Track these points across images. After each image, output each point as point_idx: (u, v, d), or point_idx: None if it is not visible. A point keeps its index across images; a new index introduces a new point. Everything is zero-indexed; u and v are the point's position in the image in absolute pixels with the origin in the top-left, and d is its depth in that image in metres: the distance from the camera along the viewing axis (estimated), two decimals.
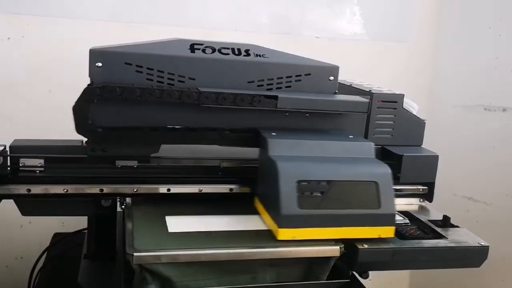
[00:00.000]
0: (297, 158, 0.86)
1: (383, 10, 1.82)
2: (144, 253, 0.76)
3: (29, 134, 0.97)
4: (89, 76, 0.92)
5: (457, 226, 0.98)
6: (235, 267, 0.82)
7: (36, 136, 0.96)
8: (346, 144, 0.92)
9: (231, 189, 0.97)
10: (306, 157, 0.87)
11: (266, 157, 0.87)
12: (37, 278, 1.11)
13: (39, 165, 0.91)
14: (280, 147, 0.88)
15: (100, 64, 0.91)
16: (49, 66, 1.47)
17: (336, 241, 0.84)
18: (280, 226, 0.81)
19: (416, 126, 1.11)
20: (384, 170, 0.87)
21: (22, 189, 0.87)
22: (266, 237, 0.85)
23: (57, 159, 0.92)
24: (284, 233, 0.81)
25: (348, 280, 0.86)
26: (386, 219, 0.85)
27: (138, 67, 0.92)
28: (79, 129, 0.89)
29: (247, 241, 0.83)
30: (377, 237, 0.85)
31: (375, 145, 1.07)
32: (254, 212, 0.94)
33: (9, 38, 1.47)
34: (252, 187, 0.96)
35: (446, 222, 0.99)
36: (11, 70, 1.47)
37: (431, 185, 1.07)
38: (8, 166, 0.89)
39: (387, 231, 0.86)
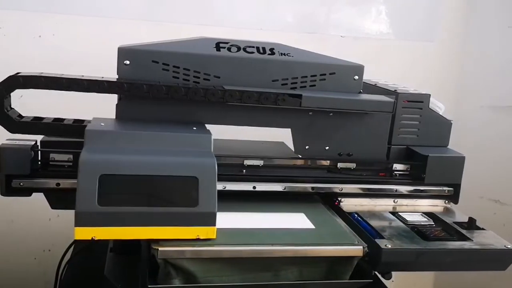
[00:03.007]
0: (108, 151, 0.78)
1: (410, 9, 1.79)
2: (168, 248, 0.77)
3: None
4: (117, 73, 0.94)
5: (483, 229, 0.96)
6: (258, 265, 0.82)
7: None
8: (181, 136, 0.84)
9: (254, 187, 0.97)
10: (121, 150, 0.79)
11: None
12: (65, 270, 1.13)
13: (68, 160, 0.93)
14: (99, 139, 0.80)
15: (128, 62, 0.93)
16: (78, 63, 1.50)
17: (149, 242, 0.78)
18: (76, 225, 0.74)
19: (442, 126, 1.09)
20: (207, 164, 0.79)
21: (51, 183, 0.89)
22: (291, 235, 0.85)
23: None
24: (81, 232, 0.74)
25: (371, 281, 0.85)
26: (205, 218, 0.78)
27: (164, 65, 0.94)
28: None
29: (270, 239, 0.83)
30: (195, 237, 0.78)
31: (400, 145, 1.07)
32: (279, 210, 0.94)
33: (40, 36, 1.51)
34: None
35: (471, 224, 0.97)
36: (41, 67, 1.51)
37: (456, 187, 1.06)
38: (39, 161, 0.92)
39: (207, 232, 0.78)
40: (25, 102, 1.51)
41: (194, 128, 0.90)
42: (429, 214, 1.01)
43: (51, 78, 0.89)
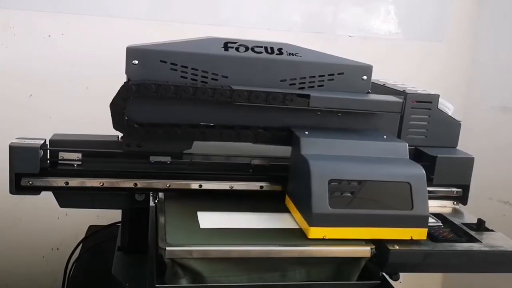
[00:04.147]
0: (329, 157, 0.87)
1: (419, 9, 1.78)
2: (176, 248, 0.77)
3: (68, 129, 1.00)
4: (126, 73, 0.94)
5: (492, 230, 0.96)
6: (265, 265, 0.82)
7: (74, 131, 1.00)
8: (379, 144, 0.92)
9: (261, 187, 0.97)
10: (338, 157, 0.88)
11: (299, 156, 0.87)
12: (73, 268, 1.14)
13: (77, 159, 0.93)
14: (313, 146, 0.89)
15: (136, 62, 0.93)
16: (87, 63, 1.51)
17: (367, 241, 0.83)
18: (311, 225, 0.82)
19: (451, 127, 1.09)
20: (417, 171, 0.86)
21: (60, 182, 0.90)
22: (297, 235, 0.85)
23: (94, 153, 0.95)
24: (315, 232, 0.82)
25: (379, 282, 0.85)
26: (419, 221, 0.84)
27: (173, 65, 0.94)
28: (117, 126, 0.92)
29: (277, 239, 0.84)
30: (409, 238, 0.84)
31: (408, 145, 1.06)
32: (285, 210, 0.94)
33: (49, 36, 1.52)
34: (284, 185, 0.97)
35: (480, 226, 0.96)
36: (51, 66, 1.52)
37: (465, 188, 1.05)
38: (48, 159, 0.92)
39: (420, 233, 0.85)
40: (33, 102, 1.53)
41: (385, 136, 0.97)
42: (437, 215, 1.00)
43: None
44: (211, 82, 0.95)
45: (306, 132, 0.93)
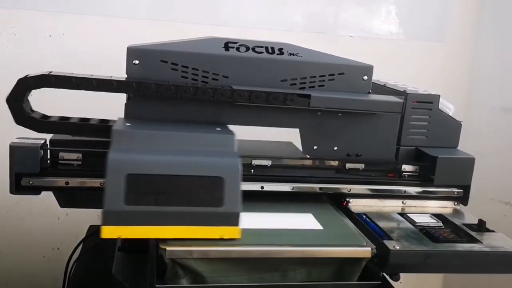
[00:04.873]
0: (134, 150, 0.79)
1: (420, 9, 1.78)
2: (176, 248, 0.77)
3: None
4: (126, 73, 0.94)
5: (492, 231, 0.95)
6: (266, 265, 0.82)
7: None
8: (205, 137, 0.85)
9: (262, 187, 0.97)
10: (148, 150, 0.80)
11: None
12: (73, 268, 1.14)
13: (77, 158, 0.93)
14: (126, 139, 0.82)
15: (137, 62, 0.93)
16: (88, 63, 1.51)
17: (172, 241, 0.78)
18: (103, 223, 0.75)
19: (452, 127, 1.09)
20: (231, 165, 0.79)
21: (60, 182, 0.90)
22: (298, 235, 0.85)
23: (94, 153, 0.95)
24: (107, 231, 0.75)
25: (379, 282, 0.85)
26: (230, 218, 0.79)
27: (173, 64, 0.94)
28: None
29: (277, 239, 0.83)
30: (219, 237, 0.79)
31: (409, 146, 1.06)
32: (286, 210, 0.94)
33: (50, 35, 1.52)
34: None
35: (481, 226, 0.96)
36: (51, 66, 1.52)
37: (466, 188, 1.05)
38: (48, 159, 0.92)
39: (231, 232, 0.79)
40: (33, 102, 1.53)
41: (218, 128, 0.91)
42: (438, 216, 1.00)
43: (62, 77, 0.90)
44: (212, 82, 0.95)
45: (128, 124, 0.86)
